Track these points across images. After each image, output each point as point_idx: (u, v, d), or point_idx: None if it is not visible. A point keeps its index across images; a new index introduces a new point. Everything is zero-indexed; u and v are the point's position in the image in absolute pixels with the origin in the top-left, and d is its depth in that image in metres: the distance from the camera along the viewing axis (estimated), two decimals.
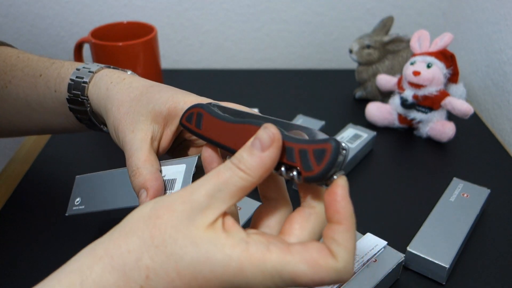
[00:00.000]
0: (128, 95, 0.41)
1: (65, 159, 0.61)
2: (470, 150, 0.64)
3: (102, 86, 0.43)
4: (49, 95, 0.46)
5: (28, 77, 0.47)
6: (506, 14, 0.71)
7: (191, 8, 0.90)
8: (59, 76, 0.45)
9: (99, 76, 0.44)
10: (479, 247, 0.48)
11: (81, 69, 0.44)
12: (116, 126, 0.40)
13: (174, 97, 0.39)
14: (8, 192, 0.55)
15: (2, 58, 0.49)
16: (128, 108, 0.40)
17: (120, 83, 0.42)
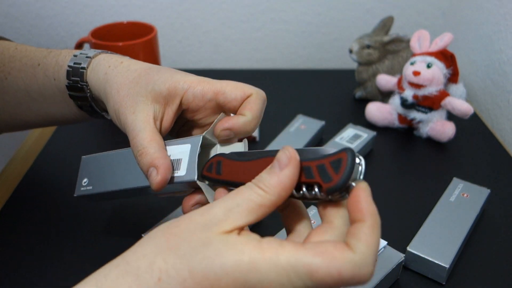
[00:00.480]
0: (127, 78, 0.41)
1: (65, 158, 0.61)
2: (470, 150, 0.64)
3: (101, 70, 0.43)
4: (49, 83, 0.46)
5: (27, 67, 0.47)
6: (506, 14, 0.71)
7: (191, 8, 0.90)
8: (57, 64, 0.45)
9: (96, 61, 0.43)
10: (479, 247, 0.48)
11: (78, 55, 0.44)
12: (117, 109, 0.40)
13: (173, 77, 0.39)
14: (8, 192, 0.55)
15: (0, 51, 0.49)
16: (128, 90, 0.40)
17: (118, 66, 0.42)
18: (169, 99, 0.39)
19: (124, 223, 0.51)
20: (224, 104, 0.39)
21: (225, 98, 0.39)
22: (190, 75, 0.40)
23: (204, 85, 0.39)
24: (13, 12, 0.88)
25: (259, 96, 0.39)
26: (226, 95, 0.39)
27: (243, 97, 0.39)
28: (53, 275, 0.44)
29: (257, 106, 0.39)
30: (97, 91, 0.43)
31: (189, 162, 0.37)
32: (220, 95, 0.39)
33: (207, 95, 0.39)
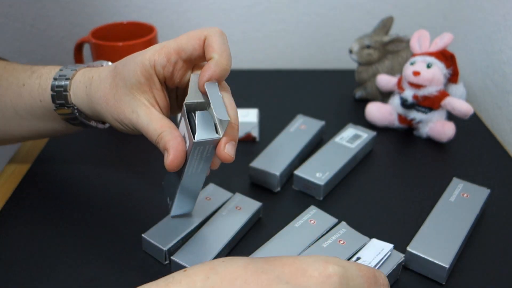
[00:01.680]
0: (105, 88, 0.42)
1: (65, 159, 0.61)
2: (470, 150, 0.64)
3: (81, 93, 0.45)
4: (36, 104, 0.47)
5: (13, 86, 0.48)
6: (506, 14, 0.71)
7: (191, 9, 0.90)
8: (40, 86, 0.47)
9: (75, 84, 0.45)
10: (479, 247, 0.48)
11: (57, 78, 0.46)
12: (118, 118, 0.41)
13: (135, 61, 0.40)
14: (8, 192, 0.55)
15: None
16: (114, 97, 0.41)
17: (92, 82, 0.44)
18: (149, 82, 0.40)
19: (124, 223, 0.51)
20: (189, 58, 0.40)
21: (186, 53, 0.40)
22: (148, 50, 0.40)
23: (163, 51, 0.40)
24: (13, 12, 0.88)
25: (214, 32, 0.40)
26: (186, 49, 0.40)
27: (200, 43, 0.39)
28: (53, 275, 0.44)
29: (217, 42, 0.39)
30: (87, 111, 0.45)
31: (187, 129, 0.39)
32: (180, 52, 0.40)
33: (171, 59, 0.40)
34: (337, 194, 0.55)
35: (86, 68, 0.46)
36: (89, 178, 0.57)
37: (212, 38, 0.39)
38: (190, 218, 0.48)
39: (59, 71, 0.46)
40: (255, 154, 0.59)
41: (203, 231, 0.47)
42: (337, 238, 0.45)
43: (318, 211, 0.49)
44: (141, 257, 0.46)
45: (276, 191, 0.56)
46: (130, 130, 0.42)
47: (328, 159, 0.57)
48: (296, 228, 0.47)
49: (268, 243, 0.45)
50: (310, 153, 0.60)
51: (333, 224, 0.48)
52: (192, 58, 0.40)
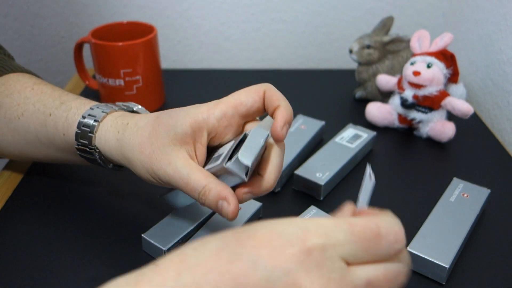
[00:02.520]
0: (142, 136, 0.41)
1: None
2: (470, 150, 0.64)
3: (111, 138, 0.43)
4: (58, 136, 0.47)
5: (39, 113, 0.48)
6: (506, 14, 0.71)
7: (191, 8, 0.90)
8: (67, 120, 0.46)
9: (104, 127, 0.44)
10: (479, 247, 0.48)
11: (86, 116, 0.45)
12: (150, 168, 0.40)
13: (189, 114, 0.40)
14: (8, 192, 0.55)
15: (18, 89, 0.50)
16: (151, 146, 0.40)
17: (126, 129, 0.43)
18: (196, 135, 0.40)
19: (124, 223, 0.51)
20: (247, 112, 0.40)
21: (245, 106, 0.40)
22: (202, 106, 0.40)
23: (220, 106, 0.40)
24: (13, 12, 0.88)
25: (270, 86, 0.41)
26: (245, 103, 0.40)
27: (260, 96, 0.40)
28: (53, 275, 0.44)
29: (277, 93, 0.40)
30: (113, 156, 0.44)
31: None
32: (239, 106, 0.40)
33: (228, 113, 0.40)
34: (337, 194, 0.55)
35: (118, 112, 0.45)
36: (89, 178, 0.57)
37: (271, 90, 0.40)
38: (190, 218, 0.48)
39: (90, 109, 0.45)
40: None
41: (203, 231, 0.47)
42: None
43: (318, 211, 0.49)
44: (141, 257, 0.46)
45: (276, 191, 0.56)
46: (157, 182, 0.41)
47: (328, 159, 0.57)
48: None
49: None
50: (310, 153, 0.60)
51: None
52: (251, 112, 0.40)
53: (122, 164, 0.44)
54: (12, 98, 0.50)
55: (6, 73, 0.52)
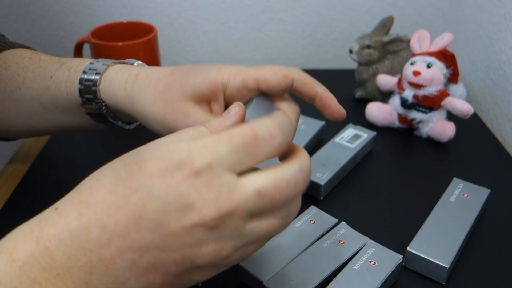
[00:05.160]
0: (155, 89, 0.40)
1: (65, 159, 0.61)
2: (470, 150, 0.64)
3: (117, 89, 0.42)
4: (62, 97, 0.46)
5: (40, 78, 0.47)
6: (506, 14, 0.71)
7: (191, 8, 0.90)
8: (69, 79, 0.45)
9: (108, 79, 0.43)
10: (479, 247, 0.48)
11: (87, 71, 0.44)
12: (163, 120, 0.39)
13: (209, 74, 0.39)
14: (8, 192, 0.55)
15: (15, 60, 0.49)
16: (165, 100, 0.39)
17: (136, 81, 0.42)
18: (212, 98, 0.39)
19: None
20: (267, 90, 0.40)
21: (267, 85, 0.39)
22: (224, 68, 0.39)
23: (243, 76, 0.39)
24: (13, 12, 0.88)
25: (300, 74, 0.40)
26: (269, 82, 0.39)
27: (286, 82, 0.39)
28: None
29: (308, 78, 0.41)
30: (118, 107, 0.43)
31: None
32: (261, 83, 0.39)
33: (249, 85, 0.39)
34: (337, 194, 0.55)
35: (120, 65, 0.45)
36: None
37: (302, 77, 0.40)
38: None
39: (90, 64, 0.44)
40: None
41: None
42: (337, 238, 0.45)
43: (318, 211, 0.49)
44: None
45: None
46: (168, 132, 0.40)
47: (328, 159, 0.57)
48: (296, 228, 0.47)
49: (268, 243, 0.45)
50: (310, 153, 0.60)
51: (333, 224, 0.48)
52: (270, 91, 0.40)
53: (131, 117, 0.43)
54: (10, 70, 0.49)
55: (3, 50, 0.51)
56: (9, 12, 0.88)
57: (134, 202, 0.27)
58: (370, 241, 0.45)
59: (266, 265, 0.42)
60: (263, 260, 0.43)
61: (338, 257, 0.44)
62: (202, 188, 0.27)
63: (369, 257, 0.43)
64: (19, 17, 0.89)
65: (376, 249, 0.44)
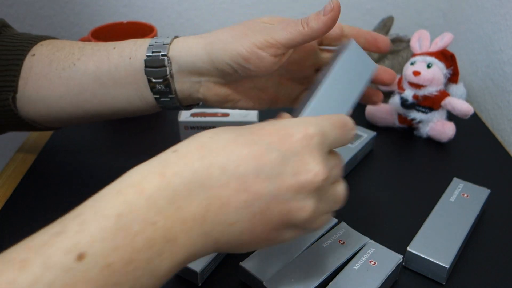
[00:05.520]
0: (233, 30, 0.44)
1: (65, 158, 0.61)
2: (470, 150, 0.64)
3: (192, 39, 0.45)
4: (123, 63, 0.46)
5: (100, 51, 0.47)
6: (506, 14, 0.71)
7: (191, 8, 0.90)
8: (136, 44, 0.46)
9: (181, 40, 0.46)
10: (479, 247, 0.48)
11: (154, 44, 0.46)
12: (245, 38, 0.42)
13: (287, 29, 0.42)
14: (8, 192, 0.55)
15: (68, 44, 0.50)
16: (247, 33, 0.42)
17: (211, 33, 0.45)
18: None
19: None
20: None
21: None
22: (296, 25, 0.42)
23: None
24: (13, 12, 0.88)
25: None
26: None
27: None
28: None
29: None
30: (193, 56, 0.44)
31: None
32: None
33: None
34: None
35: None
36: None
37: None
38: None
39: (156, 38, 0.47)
40: None
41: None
42: (337, 238, 0.45)
43: None
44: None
45: None
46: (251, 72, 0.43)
47: None
48: None
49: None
50: None
51: (333, 224, 0.48)
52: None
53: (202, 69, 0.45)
54: (64, 50, 0.49)
55: (43, 39, 0.52)
56: (9, 12, 0.88)
57: (255, 151, 0.30)
58: (370, 241, 0.45)
59: (266, 265, 0.42)
60: (263, 260, 0.43)
61: (338, 257, 0.44)
62: (314, 151, 0.31)
63: (369, 257, 0.43)
64: (19, 17, 0.89)
65: (376, 249, 0.44)
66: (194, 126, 0.62)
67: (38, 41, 0.51)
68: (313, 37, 0.41)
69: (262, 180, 0.29)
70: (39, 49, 0.50)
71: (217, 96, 0.47)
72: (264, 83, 0.49)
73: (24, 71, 0.48)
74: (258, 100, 0.49)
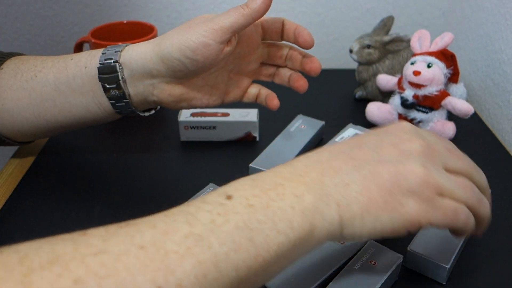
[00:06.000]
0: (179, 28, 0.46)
1: (64, 159, 0.61)
2: (470, 150, 0.64)
3: (143, 45, 0.47)
4: (79, 72, 0.48)
5: (59, 63, 0.50)
6: (506, 14, 0.71)
7: (191, 8, 0.90)
8: (90, 55, 0.49)
9: (129, 50, 0.47)
10: (479, 247, 0.48)
11: (109, 48, 0.48)
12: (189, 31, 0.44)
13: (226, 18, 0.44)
14: (8, 192, 0.55)
15: (33, 58, 0.53)
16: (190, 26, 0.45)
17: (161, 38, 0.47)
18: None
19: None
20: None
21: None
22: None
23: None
24: (13, 12, 0.88)
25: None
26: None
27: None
28: None
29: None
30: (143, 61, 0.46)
31: None
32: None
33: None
34: None
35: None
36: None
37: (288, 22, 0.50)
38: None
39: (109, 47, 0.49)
40: (255, 154, 0.59)
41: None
42: None
43: None
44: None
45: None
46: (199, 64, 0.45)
47: None
48: None
49: None
50: None
51: None
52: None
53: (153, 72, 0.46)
54: (28, 63, 0.52)
55: (13, 56, 0.55)
56: (9, 12, 0.88)
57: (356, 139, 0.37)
58: (370, 241, 0.45)
59: None
60: None
61: (338, 257, 0.43)
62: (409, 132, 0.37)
63: (369, 257, 0.43)
64: (19, 17, 0.89)
65: (376, 249, 0.44)
66: (194, 126, 0.62)
67: (9, 57, 0.54)
68: (254, 17, 0.44)
69: (365, 151, 0.35)
70: (6, 64, 0.53)
71: (171, 97, 0.48)
72: (214, 79, 0.50)
73: None
74: (211, 97, 0.51)
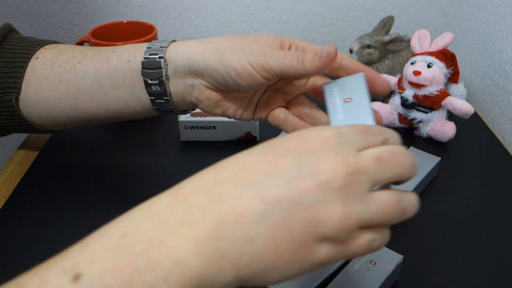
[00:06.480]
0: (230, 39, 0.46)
1: (65, 158, 0.61)
2: (470, 150, 0.64)
3: (190, 44, 0.45)
4: (121, 65, 0.47)
5: (100, 55, 0.49)
6: (506, 13, 0.71)
7: (191, 8, 0.90)
8: (134, 47, 0.47)
9: (178, 44, 0.46)
10: (479, 247, 0.48)
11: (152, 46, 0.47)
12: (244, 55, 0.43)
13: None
14: (8, 192, 0.55)
15: (70, 48, 0.51)
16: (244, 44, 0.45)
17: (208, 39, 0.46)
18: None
19: None
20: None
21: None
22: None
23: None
24: (13, 12, 0.88)
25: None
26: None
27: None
28: None
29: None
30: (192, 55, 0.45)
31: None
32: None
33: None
34: None
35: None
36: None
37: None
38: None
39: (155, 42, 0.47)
40: None
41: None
42: None
43: None
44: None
45: None
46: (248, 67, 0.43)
47: None
48: None
49: None
50: None
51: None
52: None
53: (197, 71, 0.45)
54: (66, 53, 0.50)
55: (47, 43, 0.53)
56: (9, 12, 0.88)
57: (269, 158, 0.29)
58: None
59: None
60: None
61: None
62: (332, 148, 0.29)
63: (369, 257, 0.43)
64: (19, 17, 0.89)
65: None
66: (194, 126, 0.62)
67: (42, 45, 0.52)
68: (305, 75, 0.43)
69: (278, 186, 0.27)
70: (42, 53, 0.51)
71: (208, 100, 0.47)
72: (256, 94, 0.49)
73: (27, 74, 0.50)
74: (245, 111, 0.49)
